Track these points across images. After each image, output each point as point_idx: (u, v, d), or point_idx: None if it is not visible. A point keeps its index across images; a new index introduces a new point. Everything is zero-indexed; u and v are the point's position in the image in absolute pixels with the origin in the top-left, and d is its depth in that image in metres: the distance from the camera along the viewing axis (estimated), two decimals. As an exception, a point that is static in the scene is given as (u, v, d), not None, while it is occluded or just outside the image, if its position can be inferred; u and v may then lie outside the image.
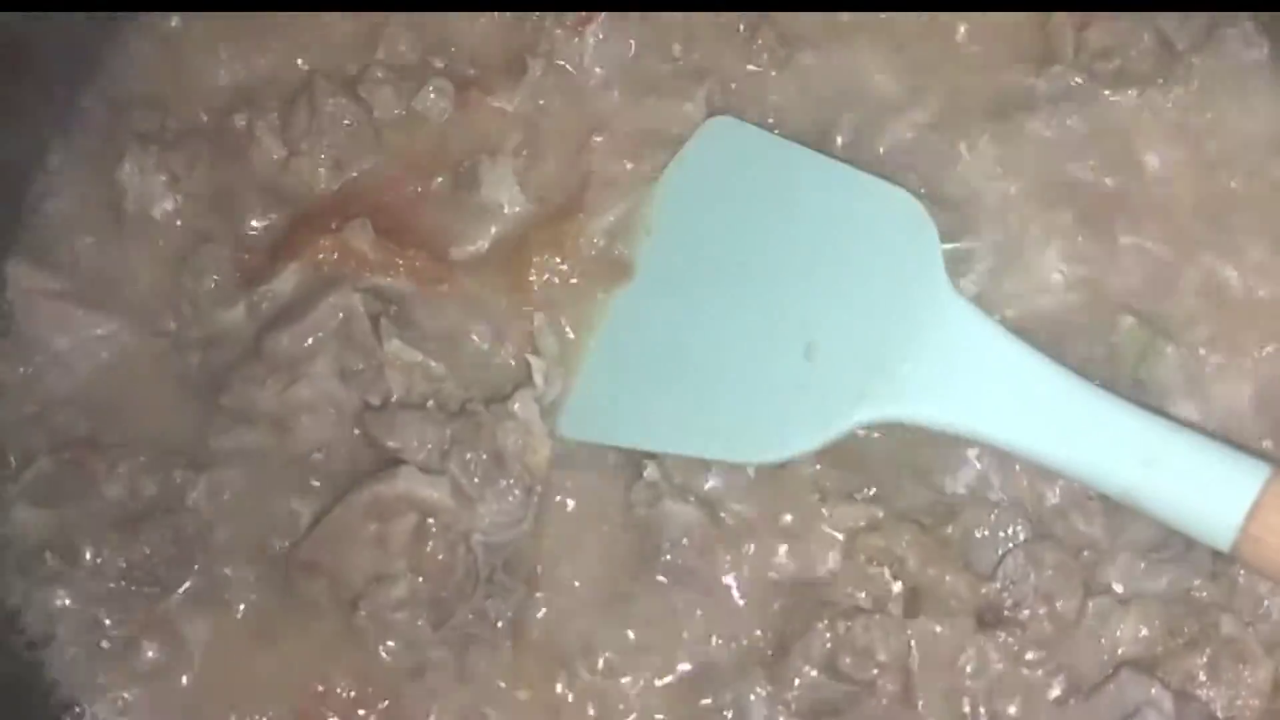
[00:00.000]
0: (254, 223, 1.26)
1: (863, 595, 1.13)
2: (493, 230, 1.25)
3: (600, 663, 1.13)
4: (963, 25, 1.30)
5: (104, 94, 1.30)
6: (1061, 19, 1.27)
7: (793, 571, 1.15)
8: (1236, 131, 1.25)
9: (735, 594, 1.15)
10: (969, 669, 1.11)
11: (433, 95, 1.28)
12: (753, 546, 1.15)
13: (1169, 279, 1.21)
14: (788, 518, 1.16)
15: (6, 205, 1.26)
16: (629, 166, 1.26)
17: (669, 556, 1.14)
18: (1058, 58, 1.27)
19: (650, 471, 1.15)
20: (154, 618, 1.15)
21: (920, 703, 1.10)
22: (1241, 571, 1.12)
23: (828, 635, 1.10)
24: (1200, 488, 1.02)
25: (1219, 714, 1.09)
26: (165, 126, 1.29)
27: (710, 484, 1.16)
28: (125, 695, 1.15)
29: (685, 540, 1.14)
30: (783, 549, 1.15)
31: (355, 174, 1.27)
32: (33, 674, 1.15)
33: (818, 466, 1.16)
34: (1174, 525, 1.05)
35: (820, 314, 1.15)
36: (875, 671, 1.10)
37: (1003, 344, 1.10)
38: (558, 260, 1.22)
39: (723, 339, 1.17)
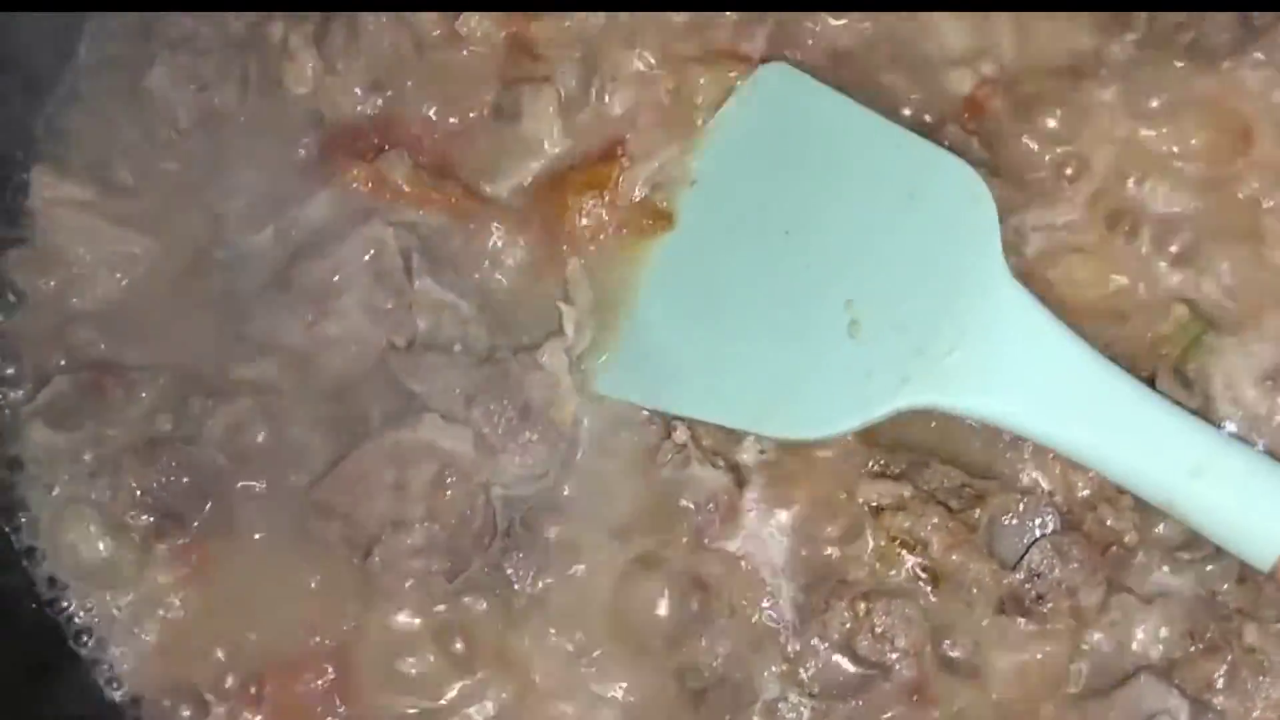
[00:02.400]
0: (285, 142, 1.22)
1: (885, 576, 1.11)
2: (532, 166, 1.21)
3: (613, 625, 1.12)
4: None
5: (135, -10, 1.26)
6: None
7: (815, 547, 1.13)
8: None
9: (754, 566, 1.13)
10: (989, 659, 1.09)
11: (477, 17, 1.23)
12: (776, 518, 1.13)
13: (1227, 270, 1.16)
14: (813, 491, 1.13)
15: (31, 110, 1.22)
16: (678, 109, 1.21)
17: (692, 521, 1.12)
18: (1131, 26, 1.21)
19: (680, 434, 1.13)
20: (166, 546, 1.13)
21: (936, 689, 1.09)
22: (1269, 579, 1.10)
23: (847, 615, 1.09)
24: (1246, 504, 1.00)
25: (1234, 726, 1.08)
26: (198, 33, 1.24)
27: (738, 451, 1.14)
28: (128, 616, 1.15)
29: (710, 505, 1.13)
30: (806, 523, 1.13)
31: (392, 95, 1.23)
32: (34, 586, 1.15)
33: (849, 439, 1.14)
34: (1214, 538, 1.03)
35: (867, 287, 1.11)
36: (893, 656, 1.08)
37: (1056, 337, 1.06)
38: (597, 204, 1.18)
39: (766, 307, 1.13)
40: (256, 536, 1.15)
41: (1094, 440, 1.04)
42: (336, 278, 1.15)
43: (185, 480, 1.13)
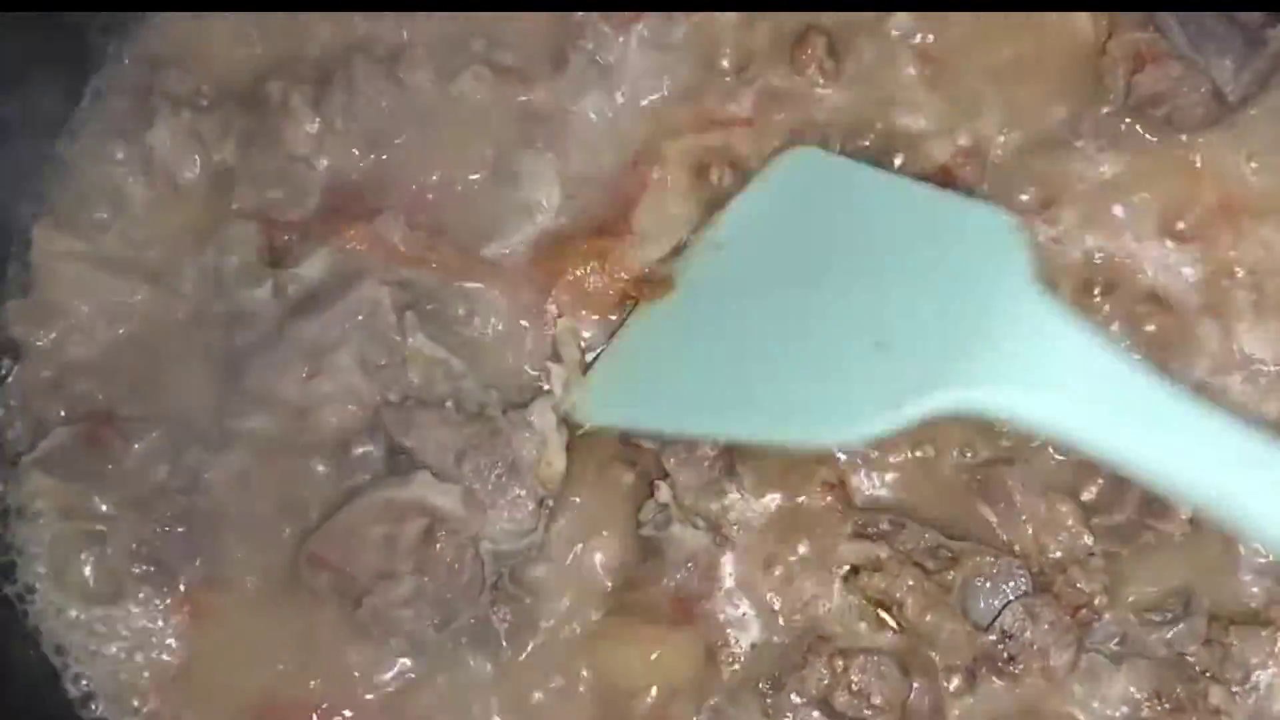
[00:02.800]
0: (283, 200, 1.25)
1: (862, 633, 1.14)
2: (530, 231, 1.24)
3: (597, 679, 1.14)
4: (1012, 53, 1.27)
5: (138, 51, 1.29)
6: (1114, 59, 1.25)
7: (794, 604, 1.15)
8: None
9: (734, 621, 1.16)
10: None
11: (471, 80, 1.26)
12: (757, 576, 1.16)
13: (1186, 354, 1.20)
14: (795, 550, 1.16)
15: (34, 164, 1.25)
16: (683, 184, 1.24)
17: (673, 579, 1.15)
18: (1106, 100, 1.25)
19: (663, 493, 1.16)
20: (160, 596, 1.16)
21: (912, 746, 1.12)
22: (1234, 640, 1.14)
23: (824, 671, 1.12)
24: None
25: (1197, 787, 1.11)
26: (199, 91, 1.27)
27: (721, 510, 1.17)
28: (122, 665, 1.17)
29: (690, 564, 1.15)
30: (787, 581, 1.16)
31: (390, 156, 1.26)
32: (29, 636, 1.17)
33: (829, 502, 1.17)
34: (1259, 539, 1.03)
35: (893, 317, 1.09)
36: (869, 712, 1.11)
37: (1088, 339, 1.03)
38: (594, 273, 1.21)
39: (781, 327, 1.12)
40: (249, 585, 1.17)
41: (1133, 439, 1.00)
42: (332, 334, 1.17)
43: (181, 530, 1.16)
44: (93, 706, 1.16)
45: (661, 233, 1.22)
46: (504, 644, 1.15)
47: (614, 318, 1.21)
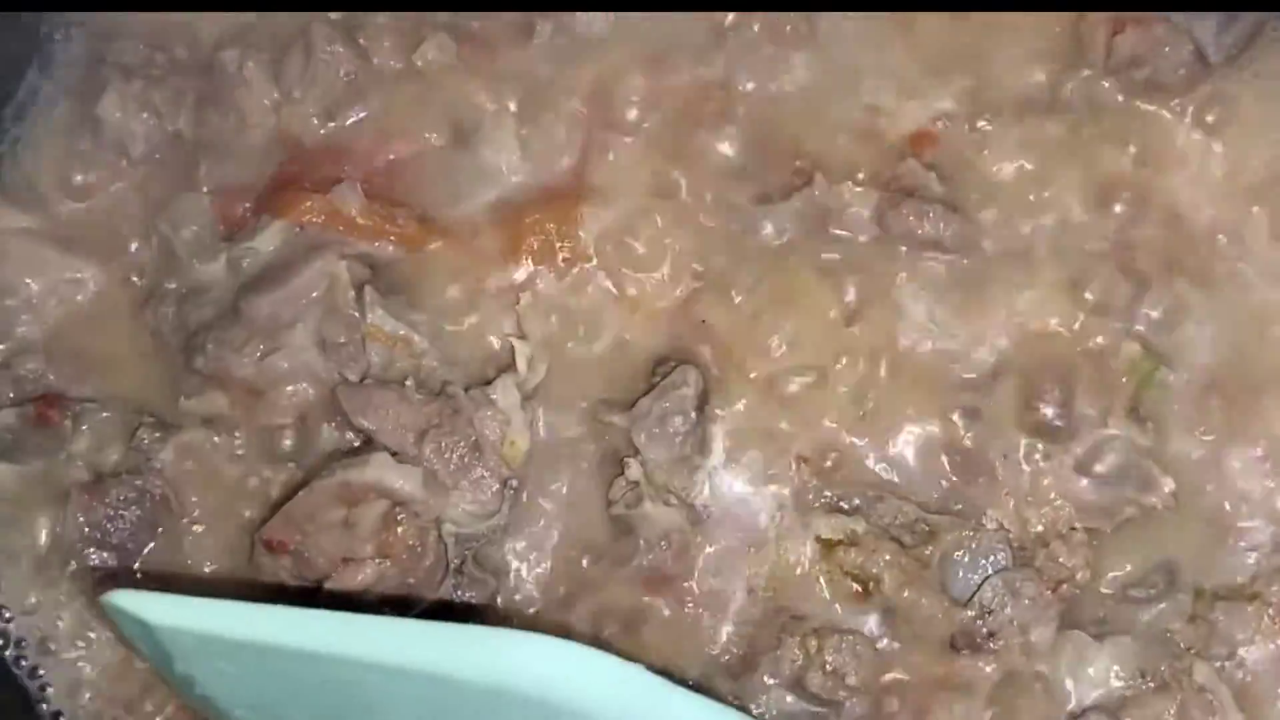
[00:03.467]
0: (238, 171, 1.21)
1: (836, 612, 1.11)
2: (489, 196, 1.20)
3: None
4: (989, 16, 1.24)
5: (88, 21, 1.24)
6: (1095, 21, 1.22)
7: (767, 582, 1.12)
8: (1261, 152, 1.20)
9: (707, 601, 1.12)
10: (939, 696, 1.09)
11: (435, 49, 1.22)
12: (730, 553, 1.13)
13: (1178, 309, 1.17)
14: (768, 526, 1.13)
15: (-24, 136, 1.20)
16: (639, 145, 1.21)
17: (645, 558, 1.12)
18: (1087, 62, 1.22)
19: (633, 470, 1.12)
20: (114, 582, 1.12)
21: (886, 728, 1.09)
22: (1220, 616, 1.11)
23: (798, 652, 1.09)
24: None
25: (1184, 767, 1.08)
26: (152, 60, 1.23)
27: (692, 487, 1.13)
28: (79, 662, 1.14)
29: (663, 543, 1.12)
30: (760, 558, 1.13)
31: (347, 125, 1.22)
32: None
33: (803, 475, 1.13)
34: None
35: None
36: (843, 694, 1.08)
37: None
38: (554, 240, 1.18)
39: None
40: (206, 569, 1.13)
41: None
42: (289, 311, 1.14)
43: (135, 513, 1.12)
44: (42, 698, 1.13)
45: (619, 191, 1.19)
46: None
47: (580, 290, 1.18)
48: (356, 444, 1.12)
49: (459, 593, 1.11)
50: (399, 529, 1.09)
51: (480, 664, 0.85)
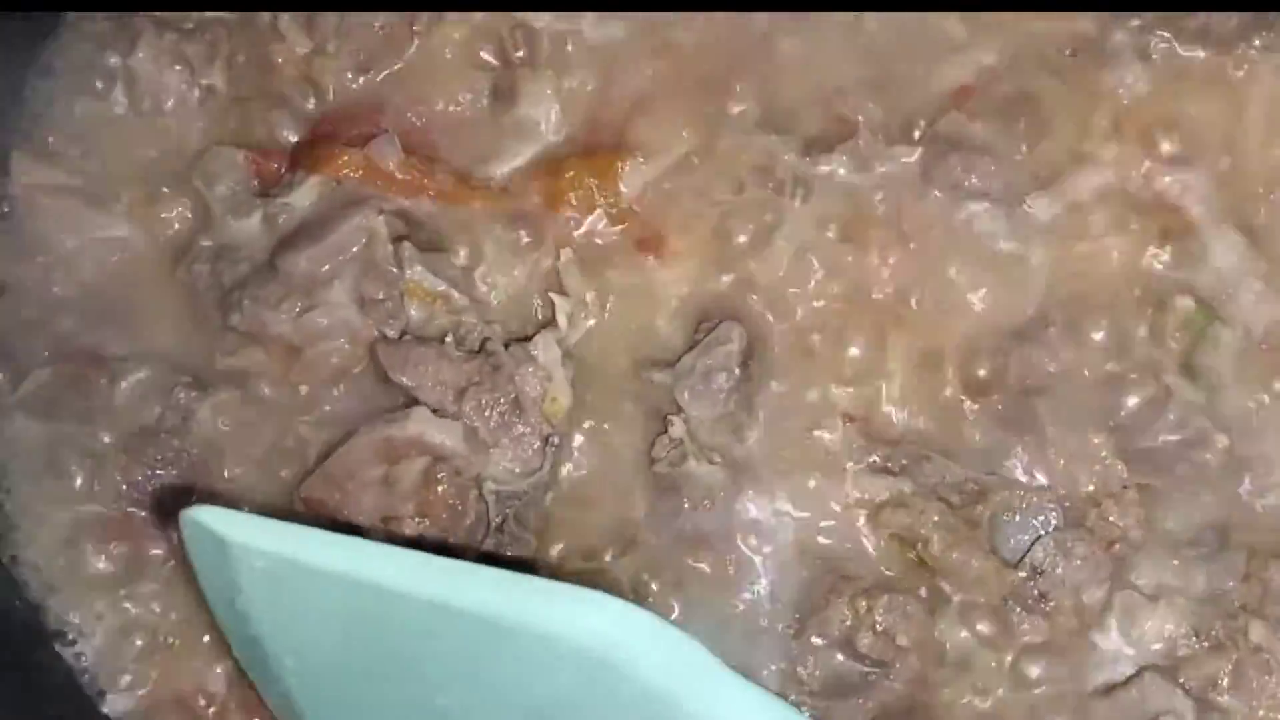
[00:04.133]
0: (273, 125, 1.19)
1: (886, 573, 1.09)
2: (528, 152, 1.18)
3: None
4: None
5: (120, -28, 1.22)
6: (1147, -34, 1.19)
7: (814, 543, 1.11)
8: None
9: (753, 562, 1.11)
10: (990, 658, 1.07)
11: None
12: (775, 514, 1.11)
13: (1233, 262, 1.14)
14: (814, 486, 1.11)
15: (9, 90, 1.19)
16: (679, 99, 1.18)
17: (689, 518, 1.10)
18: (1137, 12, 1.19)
19: (676, 428, 1.10)
20: (153, 544, 1.11)
21: (939, 689, 1.07)
22: (1275, 575, 1.08)
23: (847, 612, 1.07)
24: None
25: (1238, 726, 1.06)
26: (185, 14, 1.21)
27: (737, 445, 1.11)
28: (112, 622, 1.12)
29: (707, 502, 1.10)
30: (806, 519, 1.11)
31: (384, 78, 1.20)
32: (20, 593, 1.13)
33: (849, 435, 1.11)
34: None
35: None
36: (893, 654, 1.06)
37: None
38: (595, 194, 1.16)
39: None
40: (244, 530, 1.12)
41: None
42: (326, 267, 1.12)
43: (172, 472, 1.11)
44: (84, 668, 1.12)
45: (659, 145, 1.16)
46: (511, 588, 1.09)
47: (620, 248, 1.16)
48: (397, 402, 1.10)
49: (501, 551, 1.09)
50: (439, 487, 1.07)
51: (556, 617, 0.84)
